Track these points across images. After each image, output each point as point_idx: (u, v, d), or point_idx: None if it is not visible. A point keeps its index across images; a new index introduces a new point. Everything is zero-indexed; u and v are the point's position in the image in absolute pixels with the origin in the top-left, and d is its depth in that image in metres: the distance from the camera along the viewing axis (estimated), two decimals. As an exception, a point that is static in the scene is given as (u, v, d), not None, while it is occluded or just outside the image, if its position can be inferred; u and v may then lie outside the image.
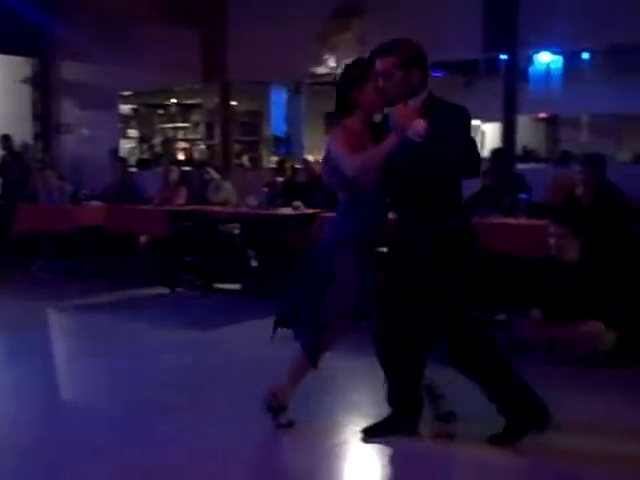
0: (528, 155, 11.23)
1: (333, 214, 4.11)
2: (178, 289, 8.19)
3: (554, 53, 8.90)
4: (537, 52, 8.68)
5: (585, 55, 9.01)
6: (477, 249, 3.75)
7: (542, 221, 5.58)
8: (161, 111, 13.09)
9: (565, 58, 9.12)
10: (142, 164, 11.87)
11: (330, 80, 9.49)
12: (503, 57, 7.85)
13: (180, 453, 3.78)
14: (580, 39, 7.47)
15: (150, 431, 4.10)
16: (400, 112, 3.43)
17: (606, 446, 3.74)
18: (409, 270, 3.69)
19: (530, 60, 9.01)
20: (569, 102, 10.05)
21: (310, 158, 8.18)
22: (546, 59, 9.14)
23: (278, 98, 10.21)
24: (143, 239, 8.50)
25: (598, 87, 9.37)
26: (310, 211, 7.48)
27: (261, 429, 4.08)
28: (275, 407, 4.04)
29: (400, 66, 3.55)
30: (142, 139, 13.16)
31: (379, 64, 3.61)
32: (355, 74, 3.78)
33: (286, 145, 10.19)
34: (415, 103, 3.52)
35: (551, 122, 12.07)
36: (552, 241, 5.25)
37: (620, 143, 10.88)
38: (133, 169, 10.93)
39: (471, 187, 5.98)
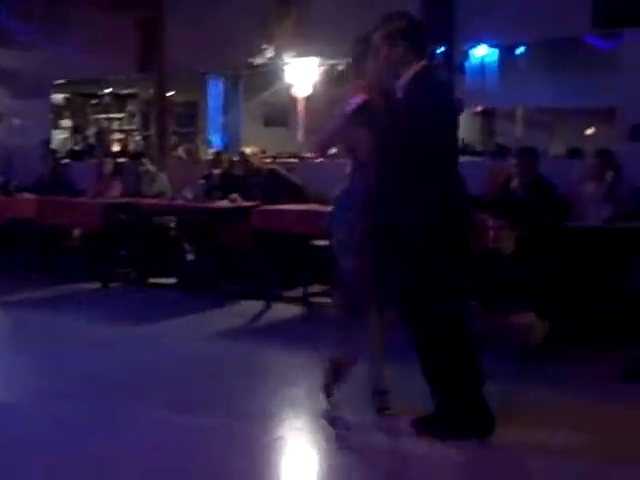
0: (464, 148, 11.32)
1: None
2: (113, 283, 8.03)
3: (490, 47, 8.97)
4: (473, 46, 8.74)
5: (520, 49, 9.10)
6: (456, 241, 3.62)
7: (479, 214, 5.62)
8: (95, 101, 12.83)
9: (501, 52, 9.20)
10: (75, 155, 11.61)
11: (268, 70, 9.44)
12: (440, 50, 7.88)
13: (116, 446, 3.72)
14: (515, 33, 7.54)
15: (84, 426, 4.00)
16: (348, 87, 3.57)
17: (537, 436, 3.77)
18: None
19: (466, 54, 9.07)
20: (504, 95, 10.15)
21: (247, 150, 8.08)
22: (482, 53, 9.21)
23: (215, 89, 10.09)
24: (77, 232, 8.32)
25: (533, 81, 9.49)
26: (247, 204, 7.41)
27: (197, 423, 4.03)
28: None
29: (384, 42, 3.55)
30: (75, 129, 12.87)
31: (373, 39, 3.64)
32: (359, 50, 3.77)
33: (222, 137, 10.08)
34: (408, 76, 3.52)
35: (487, 115, 12.18)
36: (490, 233, 5.29)
37: (553, 137, 11.05)
38: (66, 160, 10.67)
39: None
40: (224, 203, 7.53)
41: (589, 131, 10.12)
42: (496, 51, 9.21)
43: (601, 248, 5.22)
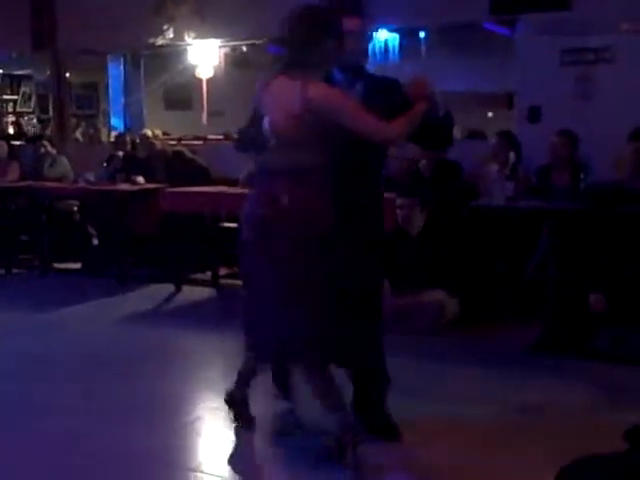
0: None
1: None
2: (15, 270, 7.80)
3: (391, 31, 9.10)
4: (375, 30, 8.85)
5: (421, 34, 9.27)
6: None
7: (389, 194, 5.72)
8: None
9: (401, 36, 9.35)
10: (-33, 138, 11.13)
11: (170, 52, 9.30)
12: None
13: (21, 438, 3.65)
14: (415, 18, 7.66)
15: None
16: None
17: (452, 411, 3.90)
18: None
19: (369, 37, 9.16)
20: (406, 80, 10.33)
21: (149, 132, 7.95)
22: (384, 36, 9.33)
23: (115, 70, 9.86)
24: (-28, 218, 8.02)
25: (434, 65, 9.68)
26: (151, 186, 7.32)
27: (110, 407, 4.00)
28: None
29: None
30: (-35, 112, 12.34)
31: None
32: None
33: (124, 119, 9.88)
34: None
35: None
36: (400, 213, 5.40)
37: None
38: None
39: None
40: (127, 186, 7.41)
41: (489, 114, 10.43)
42: (397, 35, 9.35)
43: (506, 226, 5.42)
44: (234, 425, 3.72)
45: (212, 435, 3.84)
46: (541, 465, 3.10)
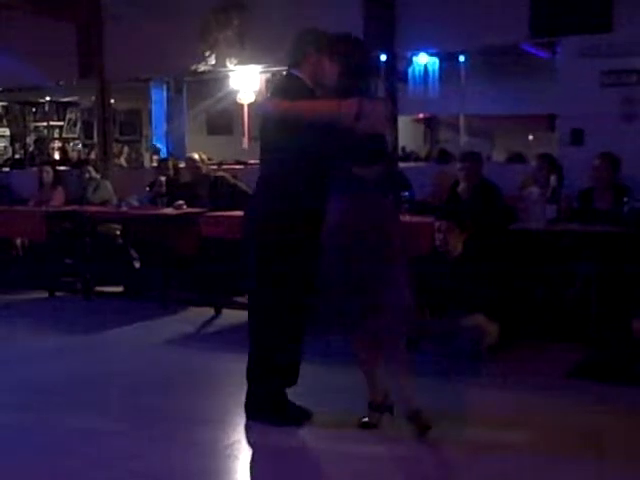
0: (407, 156, 11.47)
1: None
2: (58, 293, 7.92)
3: (431, 55, 9.12)
4: (415, 54, 8.88)
5: (461, 57, 9.29)
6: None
7: (426, 218, 5.72)
8: (34, 109, 12.61)
9: (441, 60, 9.37)
10: (15, 164, 11.40)
11: (211, 78, 9.43)
12: (382, 58, 7.99)
13: (70, 456, 3.68)
14: (455, 41, 7.68)
15: (29, 436, 3.95)
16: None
17: (490, 436, 3.85)
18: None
19: (409, 61, 9.20)
20: (446, 103, 10.32)
21: (195, 156, 8.04)
22: (424, 61, 9.36)
23: (158, 96, 10.03)
24: (19, 242, 8.16)
25: (474, 89, 9.68)
26: (193, 210, 7.39)
27: (152, 431, 4.02)
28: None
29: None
30: (14, 138, 12.64)
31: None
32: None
33: (166, 145, 10.03)
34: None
35: (430, 123, 12.36)
36: (438, 236, 5.37)
37: (494, 144, 11.29)
38: (5, 169, 10.48)
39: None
40: (169, 210, 7.49)
41: (530, 137, 10.37)
42: (437, 59, 9.38)
43: (547, 249, 5.37)
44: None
45: (250, 459, 3.83)
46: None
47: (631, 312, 4.74)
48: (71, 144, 12.34)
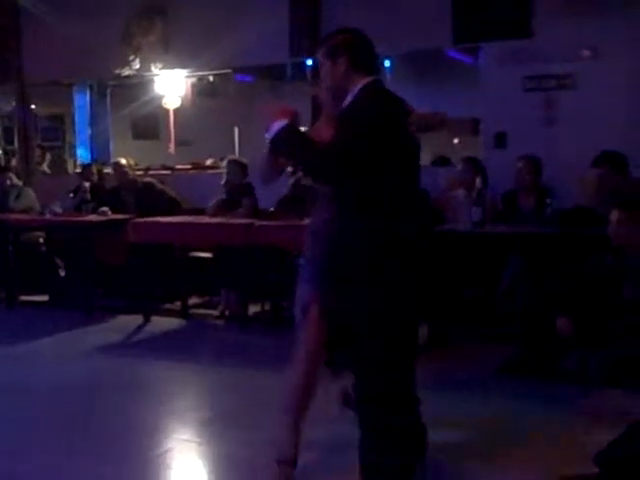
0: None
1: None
2: (-20, 303, 7.71)
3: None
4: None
5: (387, 62, 9.37)
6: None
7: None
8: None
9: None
10: None
11: (136, 82, 9.31)
12: (309, 62, 8.02)
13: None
14: (379, 45, 7.73)
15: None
16: (266, 110, 3.01)
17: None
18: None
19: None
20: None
21: (123, 161, 7.92)
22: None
23: (81, 101, 9.83)
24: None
25: (399, 93, 9.79)
26: (119, 217, 7.28)
27: (79, 442, 3.94)
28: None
29: (327, 56, 3.10)
30: None
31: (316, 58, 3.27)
32: (314, 69, 3.62)
33: (91, 150, 9.84)
34: (353, 92, 2.97)
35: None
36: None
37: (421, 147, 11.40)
38: None
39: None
40: (95, 216, 7.36)
41: (455, 140, 10.54)
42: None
43: (474, 251, 5.47)
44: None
45: (183, 467, 3.80)
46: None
47: (555, 310, 4.86)
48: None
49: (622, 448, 2.95)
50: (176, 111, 9.98)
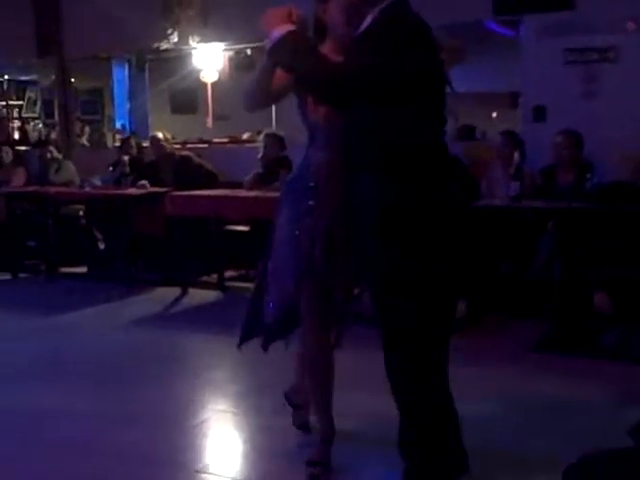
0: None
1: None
2: (21, 274, 7.83)
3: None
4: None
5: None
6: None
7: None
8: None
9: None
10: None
11: (174, 56, 9.32)
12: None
13: (33, 440, 3.65)
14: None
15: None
16: (267, 16, 2.64)
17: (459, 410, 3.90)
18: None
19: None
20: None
21: (159, 135, 7.97)
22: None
23: (120, 75, 9.89)
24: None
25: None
26: (157, 190, 7.34)
27: (119, 411, 4.00)
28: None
29: None
30: (-31, 118, 12.36)
31: None
32: None
33: (130, 124, 9.91)
34: (374, 13, 2.61)
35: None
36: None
37: (458, 121, 11.32)
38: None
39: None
40: (134, 190, 7.43)
41: (494, 114, 10.42)
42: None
43: (511, 225, 5.42)
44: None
45: (219, 437, 3.85)
46: (549, 461, 3.10)
47: (592, 286, 4.82)
48: (31, 124, 12.10)
49: None
50: (214, 85, 9.99)
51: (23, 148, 9.75)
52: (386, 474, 3.11)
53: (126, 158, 8.00)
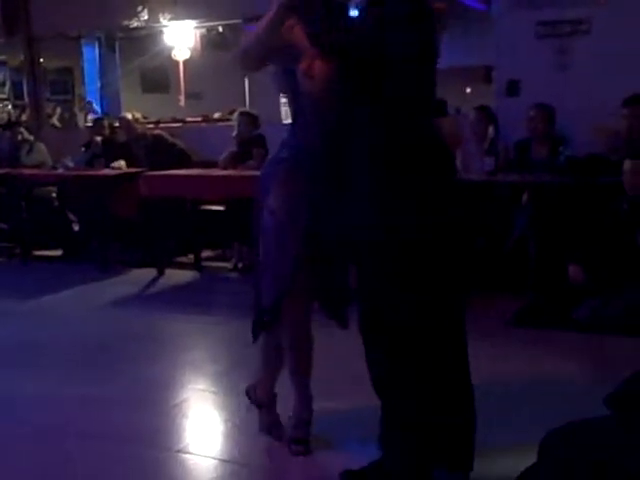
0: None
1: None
2: (-5, 258, 7.78)
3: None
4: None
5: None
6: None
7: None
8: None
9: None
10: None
11: (145, 34, 9.22)
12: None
13: (10, 424, 3.65)
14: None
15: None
16: None
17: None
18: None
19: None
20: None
21: (129, 115, 7.89)
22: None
23: (90, 54, 9.77)
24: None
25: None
26: (131, 170, 7.28)
27: (97, 392, 3.99)
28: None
29: None
30: (-62, 101, 12.17)
31: None
32: None
33: (101, 103, 9.81)
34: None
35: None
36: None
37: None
38: None
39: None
40: (107, 170, 7.37)
41: (468, 89, 10.42)
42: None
43: (486, 200, 5.44)
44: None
45: (199, 416, 3.85)
46: (527, 431, 3.13)
47: (567, 259, 4.86)
48: (0, 105, 11.96)
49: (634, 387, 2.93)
50: (186, 63, 9.91)
51: (-7, 129, 9.60)
52: (368, 448, 3.13)
53: (99, 139, 7.91)
